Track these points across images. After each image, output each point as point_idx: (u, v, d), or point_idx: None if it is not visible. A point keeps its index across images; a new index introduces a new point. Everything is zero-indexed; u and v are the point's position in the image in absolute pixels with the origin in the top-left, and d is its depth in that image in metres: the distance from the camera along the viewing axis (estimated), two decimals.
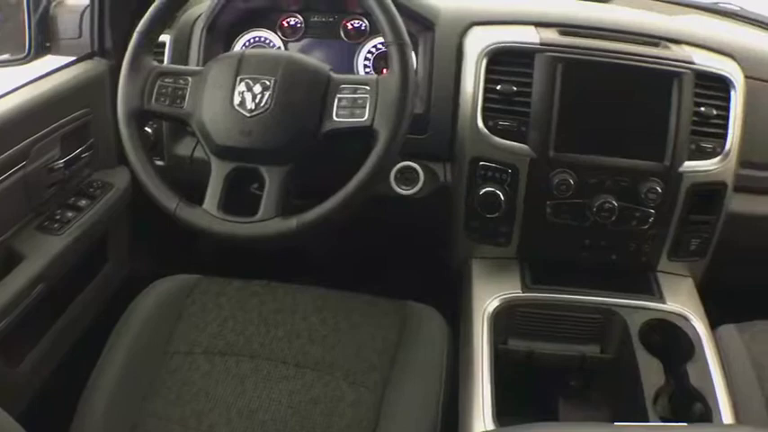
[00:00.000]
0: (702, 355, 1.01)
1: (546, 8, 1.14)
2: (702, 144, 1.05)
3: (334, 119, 0.91)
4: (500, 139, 1.03)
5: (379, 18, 0.90)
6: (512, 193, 1.05)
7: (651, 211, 1.05)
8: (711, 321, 1.11)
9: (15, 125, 0.97)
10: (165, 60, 1.13)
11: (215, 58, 0.97)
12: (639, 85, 1.03)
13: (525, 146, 1.03)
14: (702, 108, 1.04)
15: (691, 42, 1.10)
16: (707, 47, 1.10)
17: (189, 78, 0.94)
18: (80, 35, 1.20)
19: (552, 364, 1.05)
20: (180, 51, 1.13)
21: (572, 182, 1.03)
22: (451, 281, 1.14)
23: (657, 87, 1.02)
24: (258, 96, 0.90)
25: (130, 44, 0.95)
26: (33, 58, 1.16)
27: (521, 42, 1.03)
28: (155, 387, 0.95)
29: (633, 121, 1.04)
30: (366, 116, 0.89)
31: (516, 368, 1.04)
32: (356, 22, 1.14)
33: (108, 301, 1.20)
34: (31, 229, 1.04)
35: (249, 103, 0.90)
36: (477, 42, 1.05)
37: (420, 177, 1.07)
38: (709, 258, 1.13)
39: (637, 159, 1.04)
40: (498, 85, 1.02)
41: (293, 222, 0.89)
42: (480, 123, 1.03)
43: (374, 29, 1.13)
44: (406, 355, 1.01)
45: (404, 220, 1.21)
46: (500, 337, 1.03)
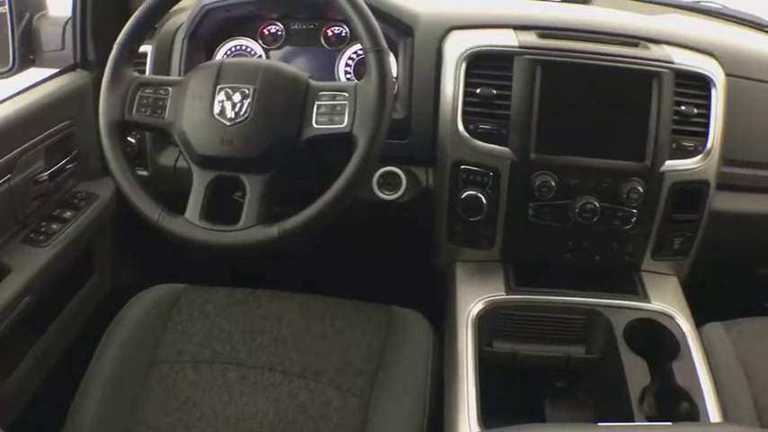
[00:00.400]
0: (688, 353, 1.01)
1: (525, 11, 1.15)
2: (683, 143, 1.05)
3: (314, 126, 0.91)
4: (481, 143, 1.03)
5: (356, 24, 0.91)
6: (493, 196, 1.05)
7: (633, 210, 1.05)
8: (697, 320, 1.12)
9: (0, 138, 0.98)
10: (147, 71, 1.13)
11: (195, 67, 0.97)
12: (619, 85, 1.03)
13: (506, 149, 1.03)
14: (683, 107, 1.04)
15: (670, 42, 1.10)
16: (687, 46, 1.10)
17: (169, 88, 0.95)
18: (63, 47, 1.20)
19: (537, 366, 1.05)
20: (162, 61, 1.13)
21: (553, 183, 1.03)
22: (436, 285, 1.14)
23: (637, 87, 1.03)
24: (238, 105, 0.91)
25: (111, 56, 0.95)
26: (17, 70, 1.16)
27: (499, 46, 1.04)
28: (142, 396, 0.96)
29: (613, 121, 1.04)
30: (345, 122, 0.90)
31: (502, 370, 1.04)
32: (336, 28, 1.15)
33: (95, 311, 1.21)
34: (17, 241, 1.04)
35: (229, 112, 0.91)
36: (457, 46, 1.05)
37: (402, 182, 1.07)
38: (693, 257, 1.14)
39: (618, 160, 1.04)
40: (478, 89, 1.03)
41: (274, 230, 0.89)
42: (461, 127, 1.03)
43: (354, 35, 1.13)
44: (392, 359, 1.02)
45: (387, 225, 1.21)
46: (485, 340, 1.03)
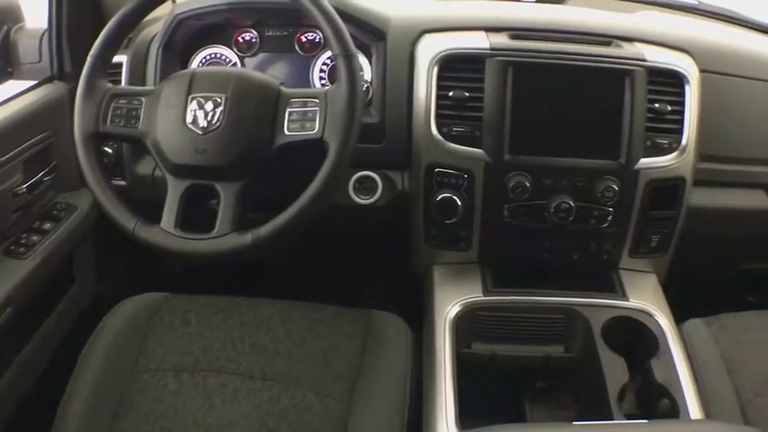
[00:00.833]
0: (667, 350, 1.01)
1: (497, 13, 1.15)
2: (658, 140, 1.05)
3: (286, 132, 0.91)
4: (454, 145, 1.04)
5: (325, 30, 0.91)
6: (469, 198, 1.05)
7: (609, 209, 1.06)
8: (680, 316, 1.12)
9: None
10: (123, 81, 1.14)
11: (167, 77, 0.98)
12: (591, 84, 1.03)
13: (480, 150, 1.03)
14: (656, 104, 1.04)
15: (643, 39, 1.10)
16: (660, 43, 1.10)
17: (142, 98, 0.95)
18: (40, 59, 1.20)
19: (517, 366, 1.05)
20: (137, 71, 1.13)
21: (528, 184, 1.03)
22: (415, 288, 1.14)
23: (609, 86, 1.03)
24: (210, 114, 0.91)
25: (84, 68, 0.96)
26: None
27: (471, 48, 1.04)
28: (125, 406, 0.96)
29: (587, 120, 1.04)
30: (316, 128, 0.90)
31: (482, 371, 1.04)
32: (310, 34, 1.15)
33: (76, 321, 1.21)
34: None
35: (201, 121, 0.91)
36: (428, 50, 1.05)
37: (378, 186, 1.07)
38: (672, 254, 1.14)
39: (592, 159, 1.04)
40: (450, 92, 1.03)
41: (248, 237, 0.90)
42: (434, 130, 1.04)
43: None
44: (372, 363, 1.02)
45: (365, 230, 1.21)
46: (463, 342, 1.03)
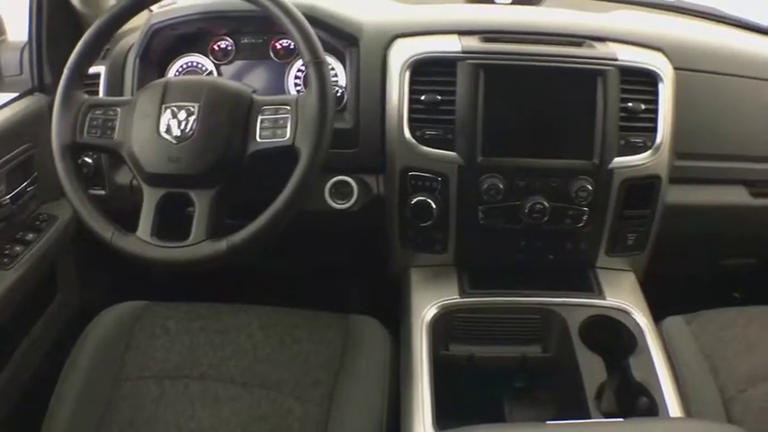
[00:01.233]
0: (645, 347, 1.01)
1: (470, 16, 1.15)
2: (632, 139, 1.06)
3: (258, 140, 0.92)
4: (428, 149, 1.04)
5: (295, 37, 0.92)
6: (443, 201, 1.06)
7: (584, 209, 1.06)
8: (661, 314, 1.12)
9: None
10: (101, 91, 1.15)
11: (142, 87, 0.99)
12: (563, 85, 1.04)
13: (453, 153, 1.04)
14: (630, 103, 1.05)
15: (616, 39, 1.10)
16: (633, 42, 1.10)
17: (118, 109, 0.96)
18: (21, 72, 1.22)
19: (494, 367, 1.05)
20: (115, 82, 1.14)
21: (501, 186, 1.04)
22: (393, 291, 1.15)
23: (582, 86, 1.03)
24: (183, 123, 0.92)
25: (61, 80, 0.97)
26: None
27: (442, 52, 1.04)
28: (109, 414, 0.97)
29: (560, 121, 1.05)
30: (288, 135, 0.91)
31: (460, 373, 1.05)
32: (285, 41, 1.16)
33: (61, 331, 1.22)
34: None
35: (175, 130, 0.92)
36: (401, 54, 1.06)
37: (354, 191, 1.08)
38: (649, 251, 1.14)
39: (566, 159, 1.05)
40: (423, 95, 1.03)
41: (223, 244, 0.90)
42: (407, 134, 1.04)
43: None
44: (350, 367, 1.03)
45: (342, 234, 1.22)
46: (441, 344, 1.04)
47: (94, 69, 1.14)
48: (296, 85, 1.16)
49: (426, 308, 1.04)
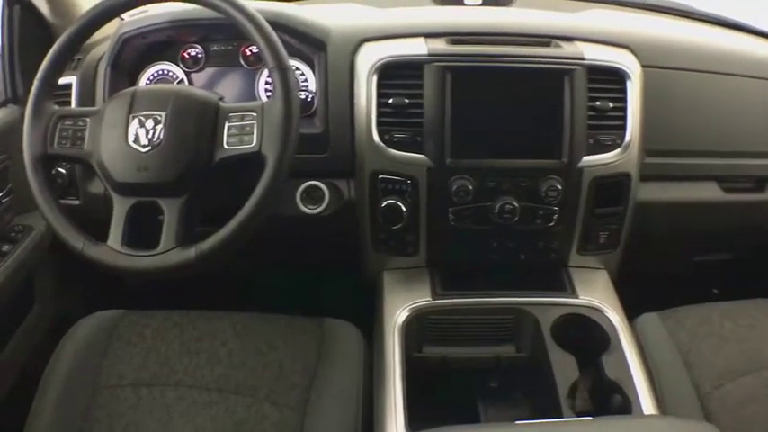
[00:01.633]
0: (618, 345, 1.01)
1: (438, 18, 1.15)
2: (601, 138, 1.06)
3: (225, 147, 0.93)
4: (397, 152, 1.05)
5: (259, 44, 0.92)
6: (413, 204, 1.06)
7: (554, 208, 1.06)
8: (634, 311, 1.12)
9: None
10: (73, 102, 1.15)
11: (110, 97, 0.99)
12: (531, 85, 1.04)
13: (422, 156, 1.04)
14: (598, 102, 1.05)
15: (584, 38, 1.10)
16: (601, 41, 1.10)
17: (87, 119, 0.96)
18: None
19: (468, 368, 1.06)
20: (86, 92, 1.15)
21: (471, 187, 1.04)
22: (368, 294, 1.15)
23: (549, 86, 1.04)
24: (151, 132, 0.93)
25: (31, 92, 0.97)
26: None
27: (409, 55, 1.04)
28: (87, 423, 0.97)
29: (528, 121, 1.05)
30: (254, 142, 0.91)
31: (434, 375, 1.05)
32: (254, 48, 1.16)
33: (39, 342, 1.22)
34: None
35: (143, 139, 0.92)
36: (368, 58, 1.06)
37: (326, 195, 1.08)
38: (621, 249, 1.14)
39: (534, 159, 1.05)
40: (390, 99, 1.04)
41: (192, 252, 0.91)
42: (376, 137, 1.04)
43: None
44: (325, 371, 1.03)
45: (315, 239, 1.22)
46: (414, 346, 1.04)
47: (66, 80, 1.14)
48: (266, 91, 1.16)
49: (398, 311, 1.04)
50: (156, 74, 1.17)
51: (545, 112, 1.04)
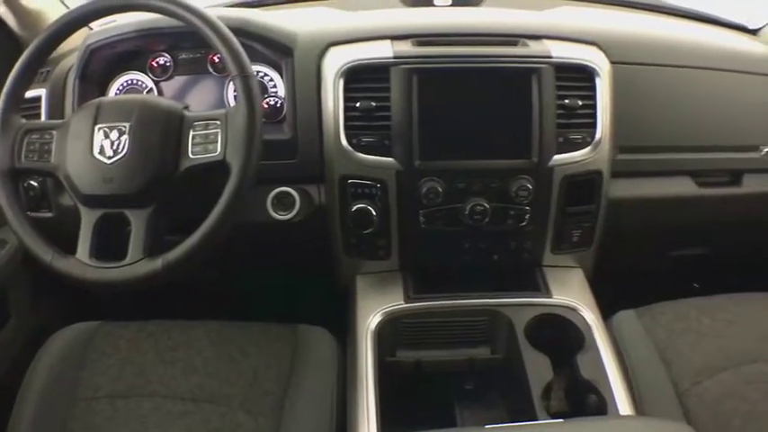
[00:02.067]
0: (593, 344, 1.01)
1: (404, 20, 1.15)
2: (571, 136, 1.05)
3: (190, 156, 0.93)
4: (365, 155, 1.04)
5: (222, 52, 0.92)
6: (383, 207, 1.06)
7: (526, 208, 1.06)
8: (612, 309, 1.11)
9: None
10: (43, 114, 1.14)
11: (76, 108, 0.99)
12: (498, 85, 1.04)
13: (390, 159, 1.04)
14: (567, 100, 1.04)
15: (552, 36, 1.10)
16: (569, 38, 1.10)
17: (54, 132, 0.96)
18: None
19: (442, 371, 1.05)
20: (56, 104, 1.14)
21: (440, 189, 1.03)
22: (341, 299, 1.15)
23: (516, 86, 1.03)
24: (116, 143, 0.92)
25: None
26: None
27: (374, 58, 1.04)
28: None
29: (497, 121, 1.04)
30: (218, 150, 0.91)
31: (410, 378, 1.05)
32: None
33: (15, 355, 1.22)
34: None
35: (108, 151, 0.92)
36: (334, 63, 1.05)
37: (296, 201, 1.08)
38: (596, 247, 1.14)
39: (504, 159, 1.05)
40: (357, 103, 1.03)
41: (159, 262, 0.91)
42: (344, 142, 1.04)
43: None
44: (299, 377, 1.03)
45: (288, 245, 1.21)
46: (388, 350, 1.04)
47: (35, 92, 1.14)
48: (236, 98, 1.16)
49: (371, 315, 1.04)
50: (126, 83, 1.17)
51: (513, 111, 1.04)
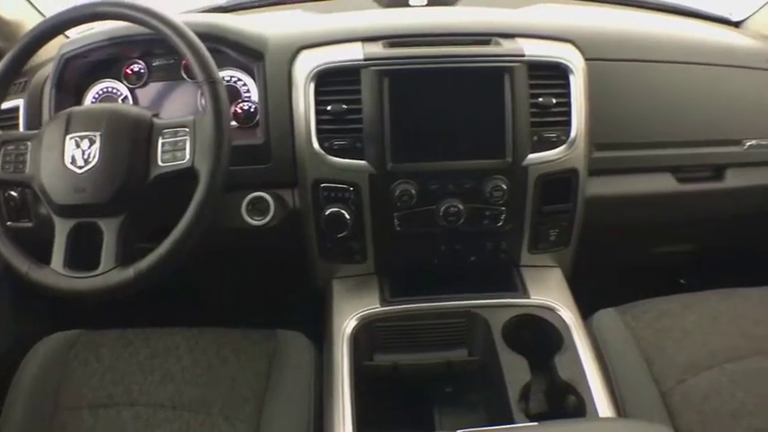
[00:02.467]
0: (572, 344, 1.00)
1: (376, 22, 1.14)
2: (545, 134, 1.04)
3: (160, 164, 0.93)
4: (337, 159, 1.03)
5: (188, 57, 0.92)
6: (357, 211, 1.05)
7: (501, 208, 1.05)
8: (596, 308, 1.10)
9: None
10: (21, 125, 1.15)
11: (49, 119, 0.99)
12: (471, 85, 1.03)
13: (363, 162, 1.03)
14: (540, 99, 1.03)
15: (525, 34, 1.09)
16: (543, 36, 1.09)
17: (28, 143, 0.97)
18: None
19: (419, 374, 1.04)
20: (33, 114, 1.14)
21: (414, 191, 1.03)
22: (318, 304, 1.14)
23: (489, 85, 1.02)
24: (87, 152, 0.93)
25: None
26: None
27: (344, 61, 1.03)
28: None
29: (470, 122, 1.03)
30: (187, 158, 0.91)
31: (388, 382, 1.04)
32: None
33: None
34: None
35: (80, 160, 0.93)
36: (304, 66, 1.05)
37: (270, 206, 1.07)
38: (575, 246, 1.12)
39: (478, 159, 1.04)
40: (329, 106, 1.02)
41: (131, 272, 0.91)
42: (316, 145, 1.03)
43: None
44: (277, 383, 1.02)
45: (264, 250, 1.21)
46: (365, 354, 1.03)
47: (13, 103, 1.14)
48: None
49: (347, 320, 1.03)
50: (101, 92, 1.17)
51: (486, 111, 1.03)
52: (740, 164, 1.19)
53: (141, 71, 1.16)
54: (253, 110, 1.12)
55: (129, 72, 1.16)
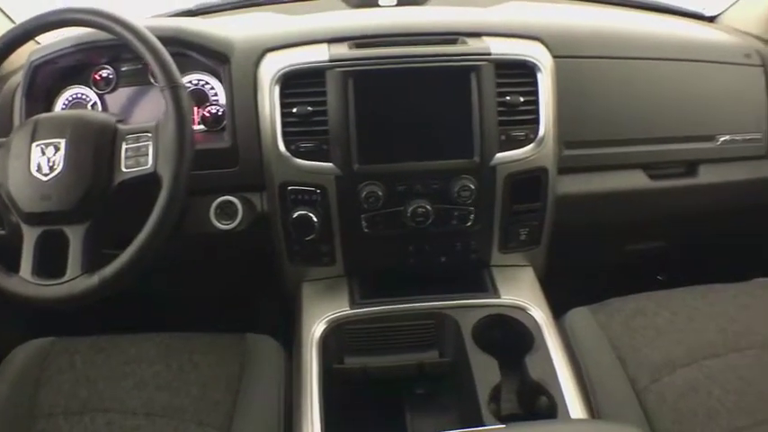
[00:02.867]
0: (543, 344, 0.99)
1: (342, 23, 1.14)
2: (513, 133, 1.04)
3: (123, 170, 0.93)
4: (304, 161, 1.03)
5: (149, 62, 0.92)
6: (324, 213, 1.05)
7: (470, 208, 1.05)
8: (569, 307, 1.09)
9: None
10: None
11: (16, 126, 0.99)
12: (437, 85, 1.02)
13: (329, 164, 1.03)
14: (508, 97, 1.03)
15: (493, 33, 1.08)
16: (510, 34, 1.09)
17: None
18: None
19: (390, 377, 1.04)
20: (4, 121, 1.14)
21: (381, 192, 1.02)
22: (289, 307, 1.14)
23: (455, 84, 1.02)
24: (52, 160, 0.93)
25: None
26: None
27: (309, 62, 1.03)
28: None
29: (436, 122, 1.03)
30: (149, 163, 0.91)
31: (359, 385, 1.03)
32: None
33: None
34: None
35: (45, 168, 0.92)
36: (270, 68, 1.04)
37: (239, 210, 1.07)
38: (546, 244, 1.12)
39: (445, 160, 1.03)
40: (294, 108, 1.02)
41: (96, 279, 0.91)
42: (282, 148, 1.03)
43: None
44: (247, 387, 1.02)
45: (233, 254, 1.21)
46: (335, 358, 1.03)
47: None
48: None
49: (316, 323, 1.03)
50: (71, 98, 1.16)
51: (453, 110, 1.02)
52: (713, 159, 1.18)
53: (110, 76, 1.16)
54: (220, 113, 1.12)
55: (98, 78, 1.16)
